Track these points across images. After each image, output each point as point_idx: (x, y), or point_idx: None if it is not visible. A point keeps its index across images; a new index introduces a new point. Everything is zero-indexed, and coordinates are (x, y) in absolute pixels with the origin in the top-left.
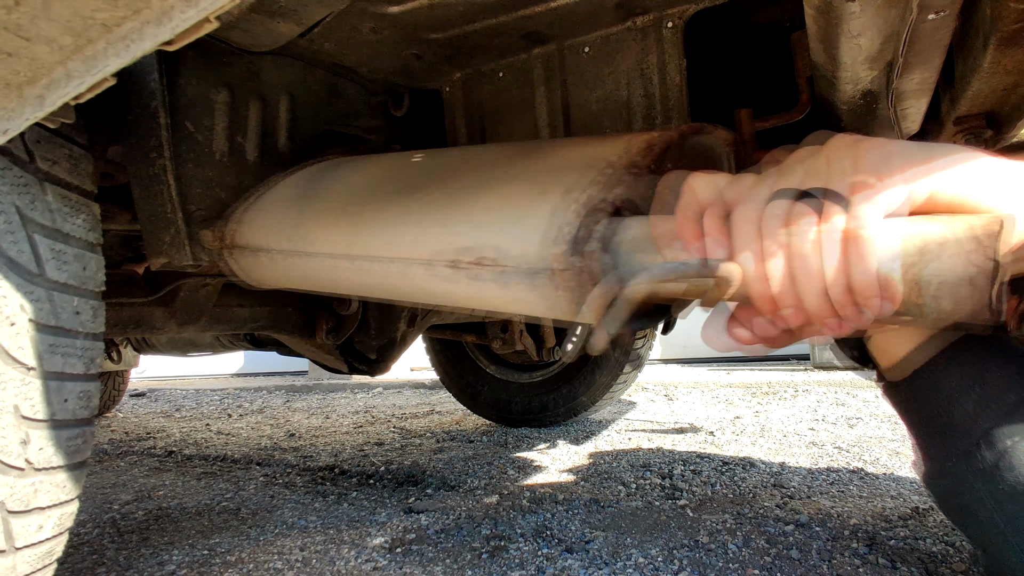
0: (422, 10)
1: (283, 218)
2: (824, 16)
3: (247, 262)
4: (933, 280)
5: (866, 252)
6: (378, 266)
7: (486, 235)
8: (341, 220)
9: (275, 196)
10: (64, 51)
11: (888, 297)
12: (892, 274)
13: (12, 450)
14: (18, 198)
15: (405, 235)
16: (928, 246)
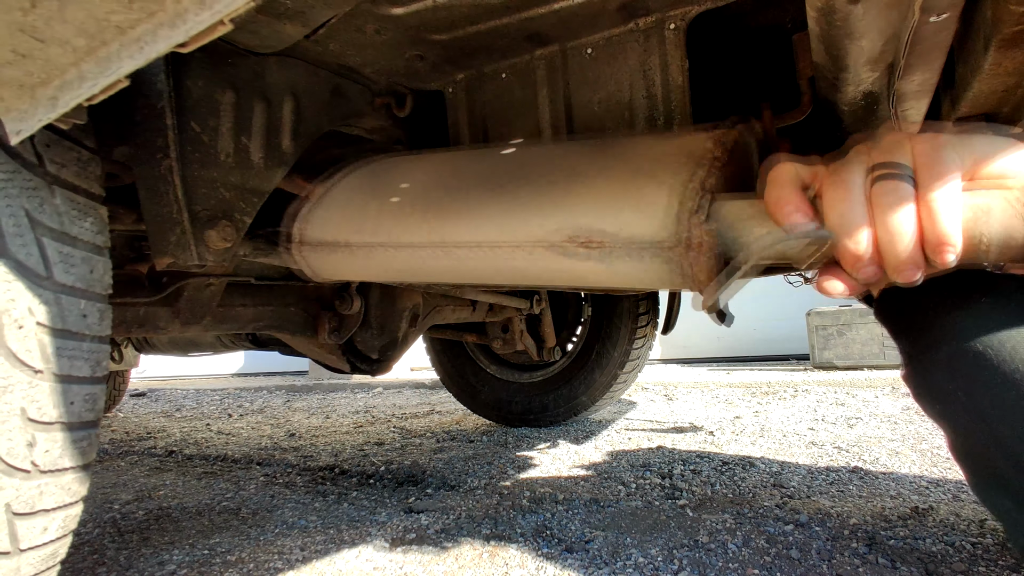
0: (426, 12)
1: (358, 213)
2: (826, 18)
3: (319, 259)
4: (984, 237)
5: (949, 217)
6: (478, 252)
7: (605, 216)
8: (429, 213)
9: (340, 194)
10: (78, 53)
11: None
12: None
13: (18, 452)
14: (27, 201)
15: (509, 223)
16: (979, 212)
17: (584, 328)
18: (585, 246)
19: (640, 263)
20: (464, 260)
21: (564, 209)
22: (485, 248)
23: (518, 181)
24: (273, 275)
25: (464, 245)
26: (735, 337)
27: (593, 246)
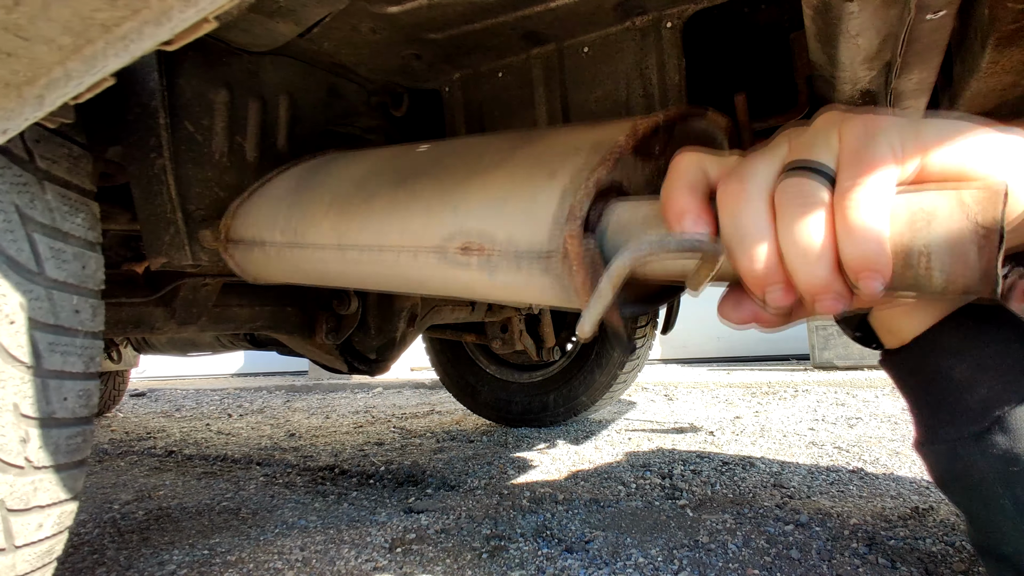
0: (421, 10)
1: (276, 211)
2: (822, 16)
3: (242, 256)
4: (923, 254)
5: (869, 228)
6: (368, 255)
7: (492, 219)
8: (331, 211)
9: (270, 190)
10: (63, 51)
11: (882, 277)
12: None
13: (12, 448)
14: (17, 197)
15: (395, 222)
16: (916, 217)
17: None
18: (465, 252)
19: (520, 274)
20: (358, 264)
21: (450, 206)
22: (375, 250)
23: (422, 174)
24: None
25: (357, 247)
26: (735, 337)
27: (473, 252)
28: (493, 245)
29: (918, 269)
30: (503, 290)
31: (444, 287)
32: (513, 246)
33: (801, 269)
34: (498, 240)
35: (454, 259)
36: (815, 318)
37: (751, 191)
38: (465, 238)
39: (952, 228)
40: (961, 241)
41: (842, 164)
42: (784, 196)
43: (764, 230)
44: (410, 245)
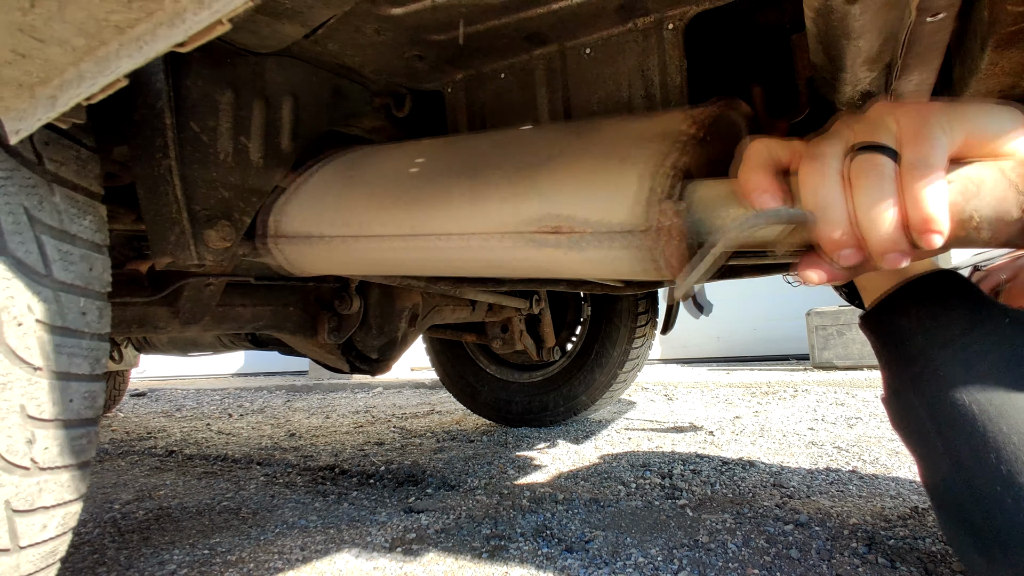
0: (425, 12)
1: (333, 204)
2: (824, 18)
3: (293, 251)
4: (974, 215)
5: (934, 194)
6: (450, 242)
7: (575, 202)
8: (400, 201)
9: (316, 185)
10: (77, 52)
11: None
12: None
13: (18, 449)
14: (26, 199)
15: (478, 210)
16: (967, 187)
17: (583, 328)
18: (555, 233)
19: (611, 250)
20: (436, 250)
21: (534, 195)
22: (455, 237)
23: (491, 167)
24: (272, 275)
25: (435, 234)
26: (735, 337)
27: (563, 232)
28: (585, 225)
29: (969, 228)
30: (590, 265)
31: (525, 266)
32: (604, 226)
33: (875, 231)
34: (590, 221)
35: (543, 240)
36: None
37: (829, 169)
38: (555, 221)
39: (997, 195)
40: (1005, 204)
41: (904, 143)
42: (860, 171)
43: (842, 201)
44: (496, 230)
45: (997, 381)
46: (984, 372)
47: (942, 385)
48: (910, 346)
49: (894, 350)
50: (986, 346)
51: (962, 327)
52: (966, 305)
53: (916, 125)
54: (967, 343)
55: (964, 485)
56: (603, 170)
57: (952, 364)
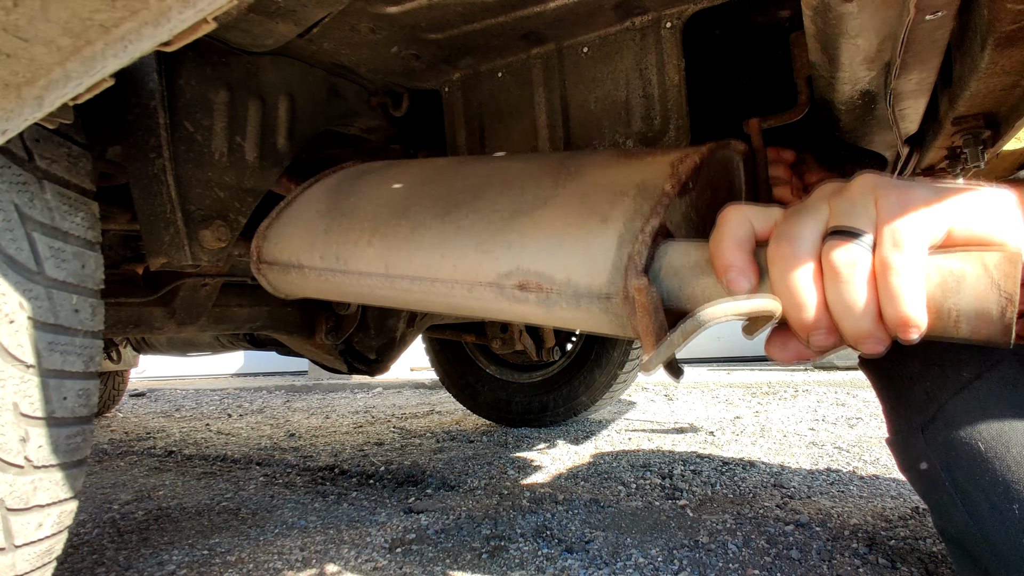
0: (421, 10)
1: (312, 235)
2: (822, 16)
3: (277, 277)
4: (953, 311)
5: (910, 291)
6: (420, 285)
7: (544, 258)
8: (374, 239)
9: (300, 211)
10: (63, 52)
11: (920, 330)
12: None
13: (11, 448)
14: (17, 196)
15: (447, 257)
16: (947, 281)
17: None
18: (523, 289)
19: (579, 311)
20: (408, 292)
21: (504, 244)
22: (427, 281)
23: (466, 207)
24: None
25: (406, 277)
26: (735, 337)
27: (531, 289)
28: (552, 285)
29: (948, 323)
30: (559, 322)
31: (498, 316)
32: (572, 287)
33: (848, 321)
34: (556, 280)
35: (511, 295)
36: None
37: (800, 253)
38: (522, 276)
39: (978, 291)
40: (986, 303)
41: (881, 232)
42: (832, 260)
43: (812, 288)
44: (464, 279)
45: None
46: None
47: (955, 435)
48: (917, 391)
49: (899, 393)
50: (998, 391)
51: (972, 371)
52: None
53: (895, 214)
54: (979, 389)
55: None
56: (576, 226)
57: (965, 411)
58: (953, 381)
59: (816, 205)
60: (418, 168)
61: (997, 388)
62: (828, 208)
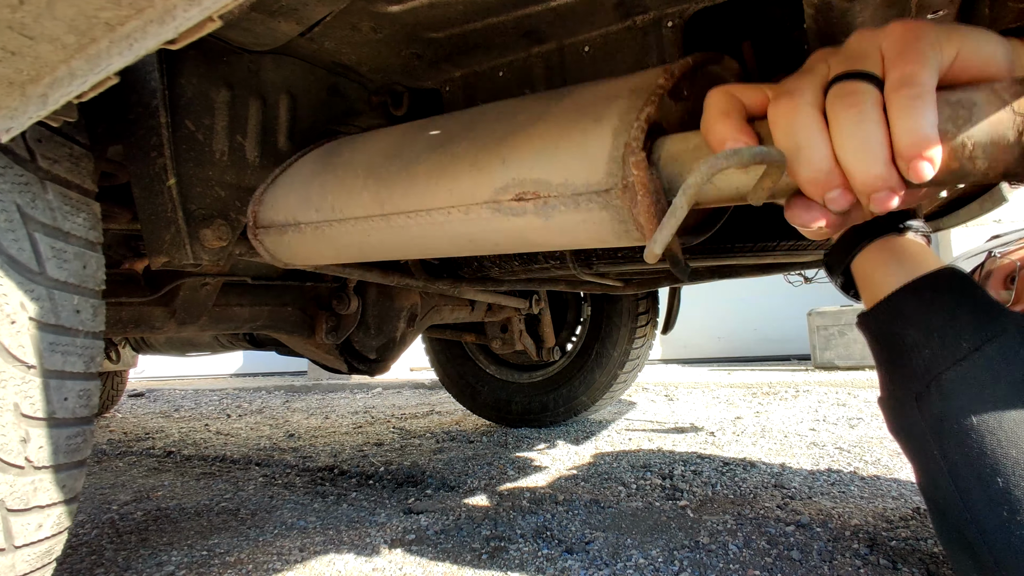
0: (422, 9)
1: (307, 190)
2: (823, 15)
3: (273, 242)
4: (967, 143)
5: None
6: (416, 219)
7: (539, 165)
8: (368, 182)
9: (295, 173)
10: (68, 50)
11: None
12: None
13: (12, 448)
14: (19, 196)
15: (441, 183)
16: (958, 113)
17: (583, 328)
18: (520, 200)
19: (579, 213)
20: (405, 229)
21: (498, 160)
22: (423, 213)
23: (459, 138)
24: (270, 275)
25: (403, 212)
26: (736, 337)
27: (528, 198)
28: (548, 190)
29: (963, 158)
30: (558, 232)
31: (496, 239)
32: (569, 188)
33: (859, 167)
34: (553, 184)
35: (508, 208)
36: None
37: (802, 103)
38: (519, 187)
39: (991, 117)
40: (1000, 127)
41: (889, 63)
42: (838, 101)
43: (820, 138)
44: (460, 202)
45: (1006, 404)
46: (993, 394)
47: (948, 405)
48: (914, 359)
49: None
50: (996, 366)
51: (971, 342)
52: (976, 317)
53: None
54: (976, 361)
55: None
56: (570, 130)
57: (960, 385)
58: (951, 351)
59: (813, 65)
60: (411, 124)
61: (995, 361)
62: (826, 65)
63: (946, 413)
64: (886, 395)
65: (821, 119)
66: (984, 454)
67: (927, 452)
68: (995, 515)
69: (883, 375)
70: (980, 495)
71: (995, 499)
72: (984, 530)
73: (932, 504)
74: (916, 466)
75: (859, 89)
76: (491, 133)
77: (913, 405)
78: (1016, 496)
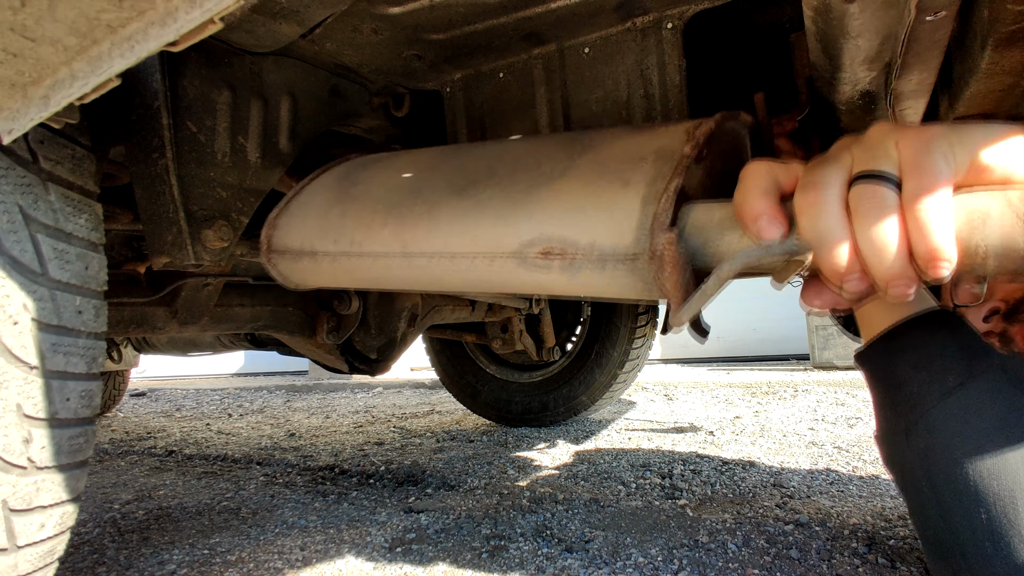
0: (423, 11)
1: (325, 220)
2: (823, 17)
3: (288, 266)
4: (980, 247)
5: (939, 227)
6: (439, 262)
7: (567, 225)
8: (389, 220)
9: (308, 199)
10: (69, 52)
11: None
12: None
13: (15, 449)
14: (21, 198)
15: (466, 230)
16: (973, 218)
17: (583, 328)
18: (547, 256)
19: (604, 274)
20: (426, 270)
21: (525, 215)
22: (445, 258)
23: (482, 184)
24: None
25: (424, 254)
26: (735, 337)
27: (554, 256)
28: (576, 250)
29: (976, 259)
30: (581, 288)
31: (517, 287)
32: (596, 250)
33: (879, 263)
34: (580, 244)
35: (534, 263)
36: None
37: (828, 198)
38: (545, 243)
39: (1004, 226)
40: (1012, 235)
41: (905, 172)
42: (861, 202)
43: (843, 231)
44: (485, 251)
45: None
46: (978, 428)
47: (935, 439)
48: (905, 393)
49: (888, 393)
50: (981, 400)
51: (958, 378)
52: (962, 354)
53: (917, 152)
54: (962, 397)
55: (953, 540)
56: (597, 192)
57: (946, 418)
58: (938, 387)
59: (838, 155)
60: (425, 154)
61: (979, 397)
62: (850, 156)
63: (933, 446)
64: (879, 429)
65: (845, 214)
66: (968, 487)
67: (917, 484)
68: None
69: (877, 410)
70: (965, 527)
71: (979, 531)
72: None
73: (923, 535)
74: (907, 498)
75: (880, 193)
76: (515, 182)
77: (903, 438)
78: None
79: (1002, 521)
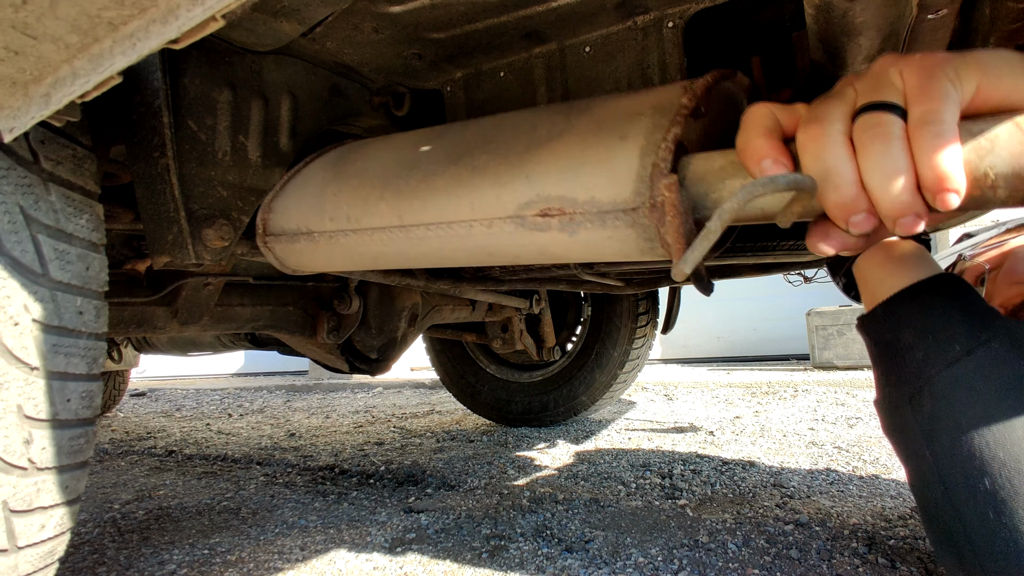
0: (423, 10)
1: (320, 199)
2: (824, 15)
3: (284, 249)
4: (989, 173)
5: (946, 152)
6: (437, 231)
7: (564, 182)
8: (386, 193)
9: (303, 181)
10: (70, 49)
11: (960, 193)
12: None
13: (15, 449)
14: (22, 198)
15: (463, 197)
16: (980, 143)
17: (584, 328)
18: (545, 215)
19: (605, 230)
20: (424, 240)
21: (522, 176)
22: (443, 226)
23: (478, 150)
24: (272, 274)
25: (422, 224)
26: (735, 337)
27: (553, 214)
28: (574, 207)
29: (985, 187)
30: (582, 247)
31: (517, 252)
32: (595, 205)
33: (886, 195)
34: (579, 201)
35: (533, 224)
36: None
37: (832, 131)
38: (544, 203)
39: (1013, 149)
40: (1021, 159)
41: (911, 99)
42: (865, 132)
43: (847, 164)
44: (483, 216)
45: (995, 407)
46: (983, 397)
47: (939, 408)
48: (909, 361)
49: (891, 360)
50: (986, 368)
51: (964, 346)
52: (969, 320)
53: (922, 79)
54: (968, 365)
55: (953, 510)
56: (594, 146)
57: (952, 386)
58: (944, 354)
59: (842, 90)
60: (421, 132)
61: (985, 365)
62: (853, 90)
63: (937, 414)
64: (881, 396)
65: (849, 147)
66: (972, 455)
67: (918, 452)
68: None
69: (879, 377)
70: (967, 496)
71: (981, 500)
72: (969, 531)
73: (922, 504)
74: (907, 466)
75: (886, 121)
76: (511, 147)
77: (906, 406)
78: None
79: (1007, 489)
